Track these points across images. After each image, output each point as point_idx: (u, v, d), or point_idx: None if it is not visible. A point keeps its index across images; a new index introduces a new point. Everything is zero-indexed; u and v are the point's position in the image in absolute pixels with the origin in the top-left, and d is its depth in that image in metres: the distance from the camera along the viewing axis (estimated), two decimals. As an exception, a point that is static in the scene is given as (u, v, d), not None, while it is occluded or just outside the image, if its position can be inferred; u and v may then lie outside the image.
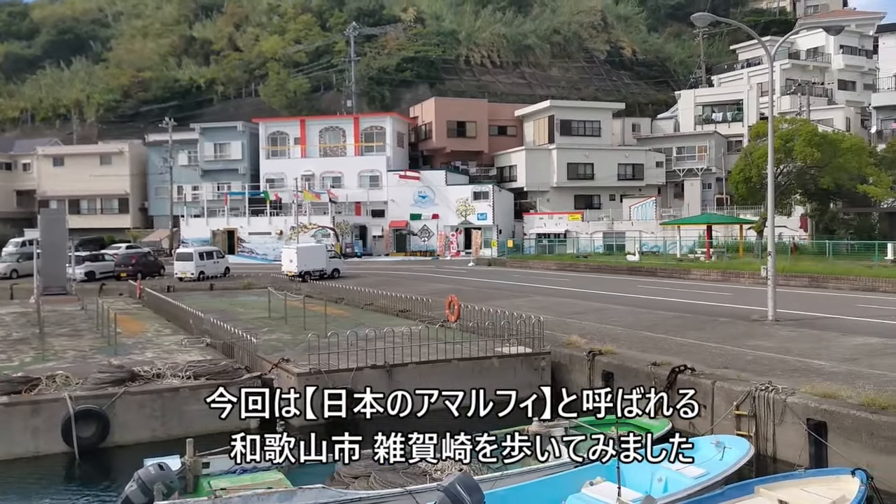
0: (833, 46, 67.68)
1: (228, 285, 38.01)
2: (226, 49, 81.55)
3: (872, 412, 11.25)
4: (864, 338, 17.25)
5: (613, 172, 61.97)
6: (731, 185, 48.79)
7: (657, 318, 21.92)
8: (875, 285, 28.48)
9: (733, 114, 65.59)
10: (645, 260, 43.41)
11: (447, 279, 38.59)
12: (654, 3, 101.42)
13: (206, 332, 20.79)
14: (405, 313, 23.72)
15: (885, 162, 45.19)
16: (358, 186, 61.93)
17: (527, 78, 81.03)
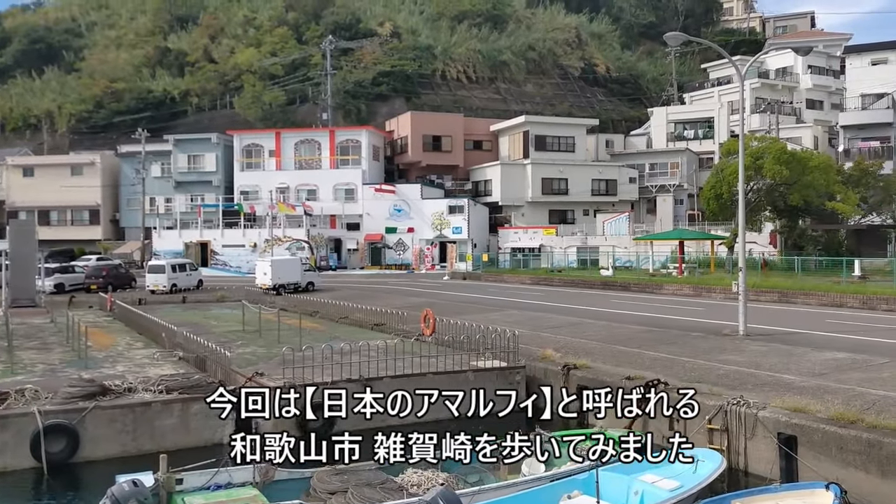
0: (801, 66, 69.12)
1: (201, 298, 37.64)
2: (201, 60, 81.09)
3: (841, 426, 11.45)
4: (833, 353, 17.55)
5: (587, 188, 62.57)
6: (702, 201, 49.50)
7: (631, 332, 22.10)
8: (843, 301, 28.99)
9: (704, 131, 66.60)
10: (618, 275, 43.79)
11: (422, 293, 38.59)
12: (627, 22, 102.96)
13: (179, 345, 20.58)
14: (380, 327, 23.68)
15: (852, 180, 46.15)
16: (333, 199, 61.81)
17: (502, 93, 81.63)
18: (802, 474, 11.64)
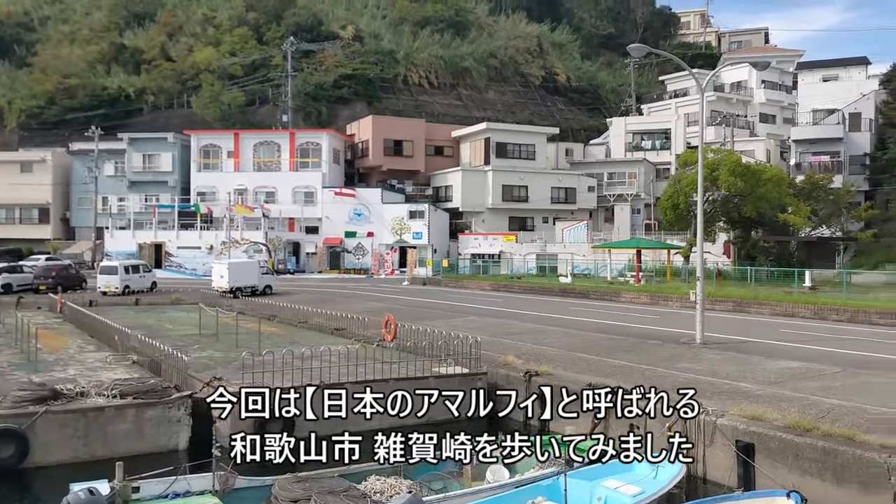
0: (755, 81, 70.79)
1: (155, 300, 36.87)
2: (157, 58, 79.59)
3: (797, 434, 11.69)
4: (787, 362, 17.94)
5: (547, 195, 63.10)
6: (659, 211, 50.26)
7: (590, 339, 22.30)
8: (794, 311, 29.68)
9: (662, 142, 67.70)
10: (577, 282, 44.17)
11: (382, 298, 38.40)
12: (587, 32, 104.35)
13: (133, 348, 20.09)
14: (340, 332, 23.47)
15: (803, 193, 47.34)
16: (292, 202, 61.22)
17: (463, 100, 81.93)
18: (760, 482, 11.83)
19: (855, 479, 10.80)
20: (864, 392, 14.41)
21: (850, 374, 16.36)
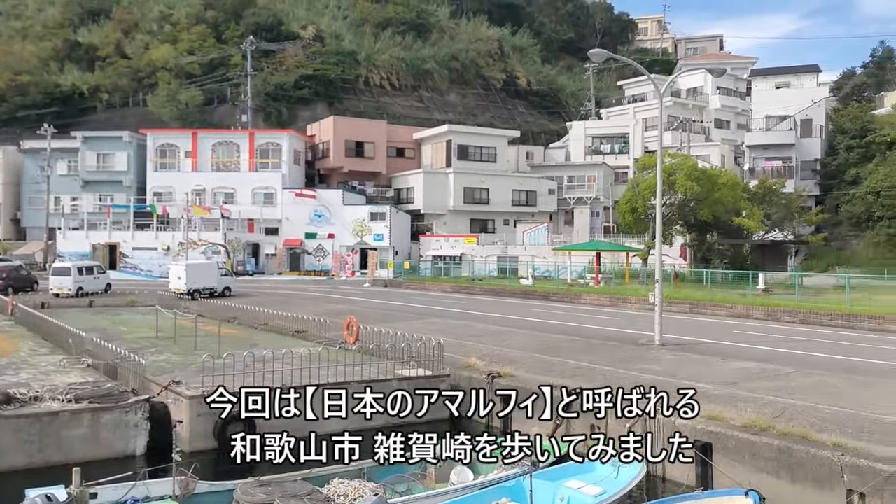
0: (711, 87, 72.25)
1: (110, 302, 36.08)
2: (112, 56, 77.96)
3: (754, 433, 11.95)
4: (742, 362, 18.33)
5: (508, 198, 63.47)
6: (618, 214, 50.97)
7: (551, 341, 22.49)
8: (749, 312, 30.35)
9: (620, 146, 68.62)
10: (538, 284, 44.53)
11: (343, 300, 38.19)
12: (548, 37, 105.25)
13: (88, 352, 19.64)
14: (301, 334, 23.26)
15: (757, 197, 48.47)
16: (252, 203, 60.53)
17: (425, 102, 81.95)
18: (717, 481, 12.06)
19: (809, 477, 11.08)
20: (817, 392, 14.80)
21: (804, 374, 16.78)
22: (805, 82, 75.13)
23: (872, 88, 79.13)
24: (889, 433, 11.73)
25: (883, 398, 14.19)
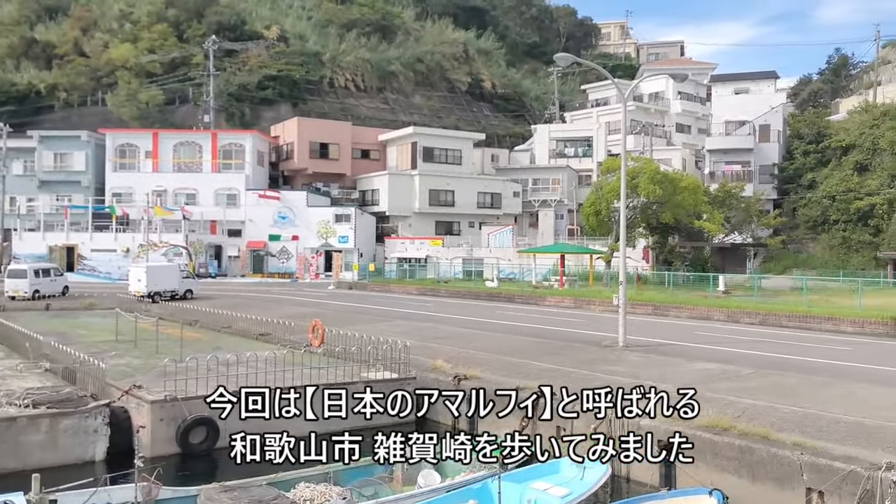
0: (672, 92, 73.29)
1: (67, 305, 35.40)
2: (70, 54, 76.25)
3: (716, 433, 12.17)
4: (704, 363, 18.62)
5: (473, 200, 63.64)
6: (582, 216, 51.43)
7: (517, 343, 22.60)
8: (710, 314, 30.85)
9: (584, 150, 69.21)
10: (503, 286, 44.70)
11: (308, 302, 37.91)
12: (512, 40, 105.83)
13: (45, 356, 19.23)
14: (266, 337, 23.07)
15: (717, 201, 49.30)
16: (214, 204, 59.75)
17: (390, 103, 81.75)
18: (681, 480, 12.23)
19: (770, 476, 11.31)
20: (776, 392, 15.10)
21: (764, 374, 17.11)
22: (763, 88, 76.70)
23: (828, 95, 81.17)
24: (847, 432, 12.02)
25: (840, 398, 14.53)
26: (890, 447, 11.15)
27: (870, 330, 25.61)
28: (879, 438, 11.62)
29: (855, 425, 12.37)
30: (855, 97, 70.00)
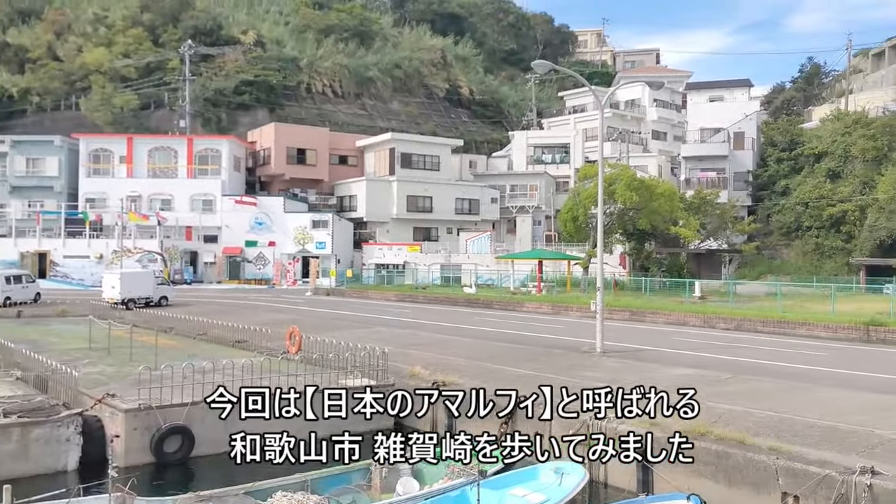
0: (648, 99, 74.01)
1: (39, 312, 34.84)
2: (44, 58, 75.21)
3: (692, 438, 12.18)
4: (682, 369, 18.74)
5: (451, 206, 63.68)
6: (559, 222, 51.68)
7: (495, 349, 22.60)
8: (686, 320, 31.09)
9: (561, 156, 69.60)
10: (481, 292, 44.73)
11: (285, 309, 37.65)
12: (490, 47, 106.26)
13: (16, 364, 18.88)
14: (242, 344, 22.85)
15: (693, 207, 49.77)
16: (190, 210, 59.18)
17: (368, 109, 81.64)
18: (657, 485, 12.27)
19: (746, 480, 11.39)
20: (752, 397, 15.23)
21: (740, 380, 17.25)
22: (737, 96, 77.78)
23: (801, 103, 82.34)
24: (821, 437, 12.14)
25: (815, 402, 14.69)
26: (864, 451, 11.29)
27: (843, 335, 25.95)
28: (853, 443, 11.76)
29: (829, 430, 12.50)
30: (827, 105, 71.08)
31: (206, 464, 14.02)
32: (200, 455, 14.21)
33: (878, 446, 11.54)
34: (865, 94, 67.84)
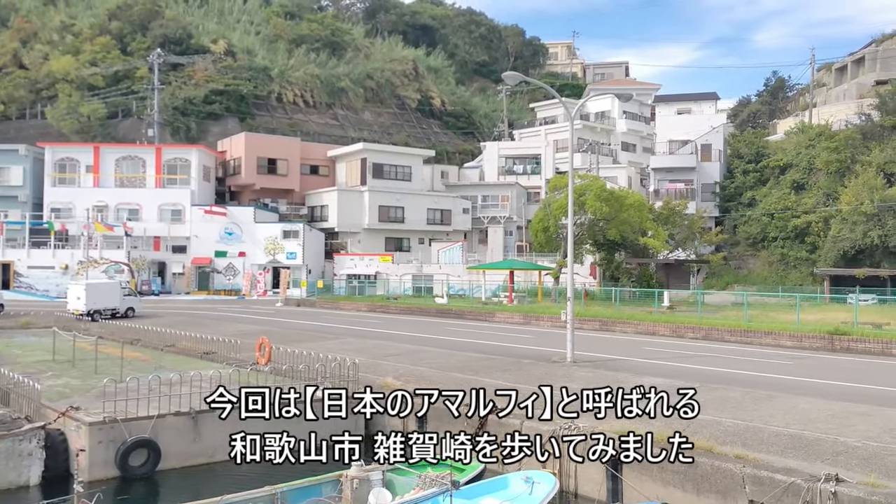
0: (618, 111, 74.78)
1: (2, 324, 34.11)
2: (9, 66, 74.01)
3: (662, 447, 12.28)
4: (652, 378, 18.85)
5: (423, 216, 63.70)
6: (531, 233, 51.91)
7: (467, 359, 22.59)
8: (655, 329, 31.37)
9: (532, 167, 70.01)
10: (453, 303, 44.73)
11: (255, 320, 37.30)
12: (461, 59, 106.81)
13: (-23, 377, 18.42)
14: (210, 355, 22.57)
15: (662, 218, 50.34)
16: (158, 220, 58.46)
17: (340, 119, 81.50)
18: (627, 494, 12.36)
19: (714, 488, 11.50)
20: (720, 406, 15.40)
21: (708, 389, 17.42)
22: (705, 109, 78.97)
23: (766, 116, 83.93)
24: (787, 445, 12.31)
25: (781, 411, 14.90)
26: (828, 459, 11.46)
27: (808, 344, 26.38)
28: (818, 450, 11.94)
29: (795, 438, 12.68)
30: (792, 118, 72.50)
31: (173, 478, 13.82)
32: (167, 469, 13.99)
33: (843, 454, 11.73)
34: (829, 108, 69.31)
